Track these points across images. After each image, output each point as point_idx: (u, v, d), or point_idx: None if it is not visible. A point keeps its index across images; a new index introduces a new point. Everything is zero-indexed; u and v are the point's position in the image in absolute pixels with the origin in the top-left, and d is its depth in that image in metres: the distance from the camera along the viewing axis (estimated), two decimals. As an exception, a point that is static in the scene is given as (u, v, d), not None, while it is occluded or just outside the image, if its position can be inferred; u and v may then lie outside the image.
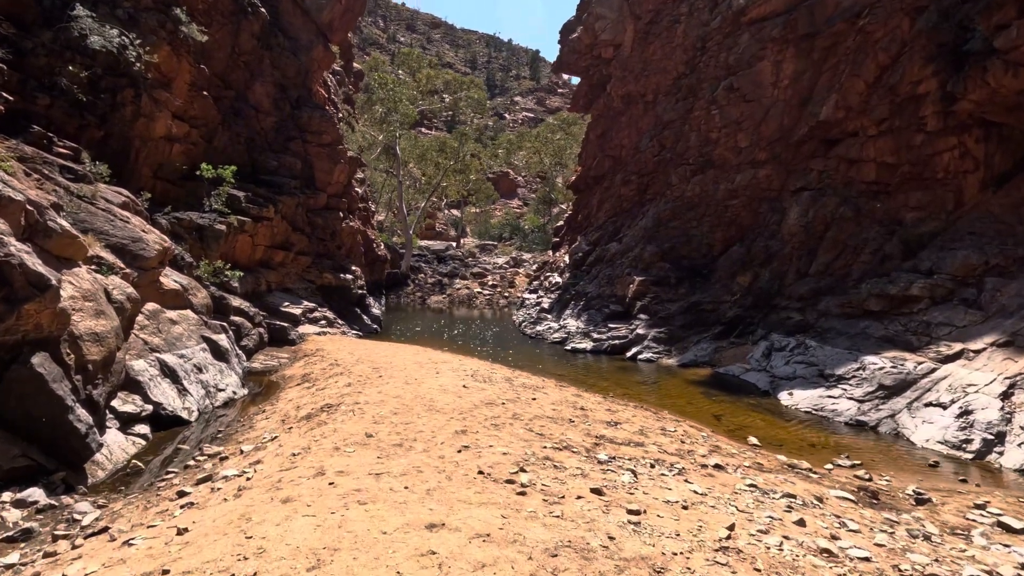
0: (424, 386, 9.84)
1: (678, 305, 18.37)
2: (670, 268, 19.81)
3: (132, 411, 8.58)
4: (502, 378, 11.36)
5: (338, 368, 12.46)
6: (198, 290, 12.47)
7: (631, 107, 26.14)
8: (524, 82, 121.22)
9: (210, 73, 18.40)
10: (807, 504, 5.93)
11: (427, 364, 12.35)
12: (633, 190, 24.63)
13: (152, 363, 9.63)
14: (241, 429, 8.85)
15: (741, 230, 19.70)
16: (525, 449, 6.77)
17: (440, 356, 14.25)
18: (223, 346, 11.71)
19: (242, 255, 17.81)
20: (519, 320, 25.75)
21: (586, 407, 9.72)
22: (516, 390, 10.27)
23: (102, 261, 9.65)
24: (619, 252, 22.41)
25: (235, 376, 11.62)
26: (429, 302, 39.97)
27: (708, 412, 11.42)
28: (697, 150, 21.44)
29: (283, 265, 19.70)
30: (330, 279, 21.73)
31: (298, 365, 14.05)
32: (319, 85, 24.73)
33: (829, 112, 17.63)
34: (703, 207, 20.50)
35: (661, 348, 17.34)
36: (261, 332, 15.66)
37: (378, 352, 14.70)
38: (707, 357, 16.49)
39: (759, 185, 19.58)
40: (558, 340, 20.51)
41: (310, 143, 21.91)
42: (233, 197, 17.44)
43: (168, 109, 15.95)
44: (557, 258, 29.17)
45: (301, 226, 20.91)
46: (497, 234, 62.29)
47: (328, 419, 8.00)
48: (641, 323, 18.48)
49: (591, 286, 22.57)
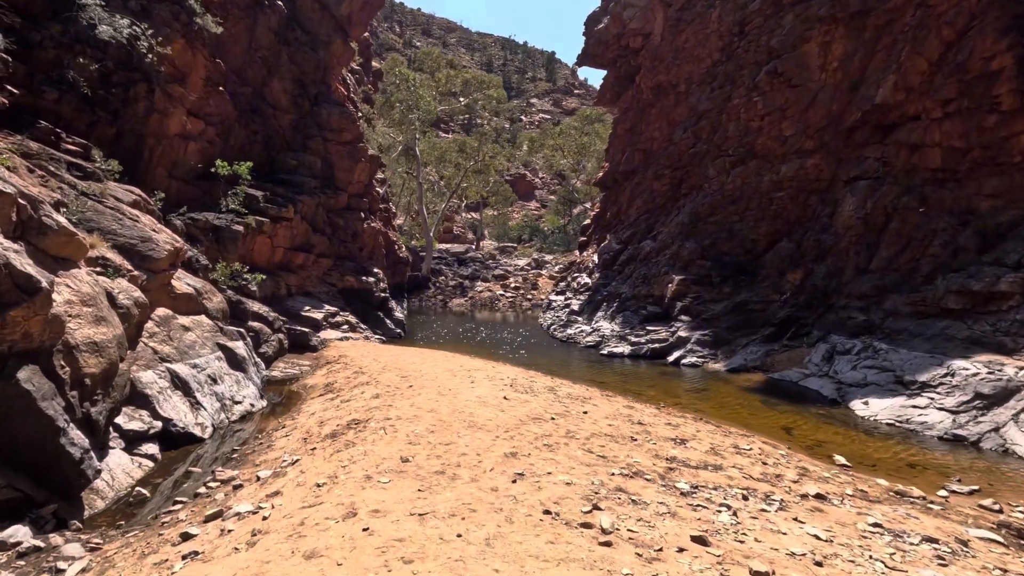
0: (460, 398, 8.80)
1: (723, 305, 17.09)
2: (711, 266, 18.53)
3: (139, 429, 7.68)
4: (544, 388, 10.27)
5: (363, 377, 11.49)
6: (213, 294, 11.62)
7: (662, 98, 24.90)
8: (540, 84, 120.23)
9: (226, 68, 17.70)
10: (955, 552, 4.73)
11: (460, 372, 11.32)
12: (666, 185, 23.38)
13: (162, 374, 8.75)
14: (259, 448, 7.90)
15: (788, 224, 18.35)
16: (591, 477, 5.68)
17: (472, 363, 13.21)
18: (240, 354, 10.82)
19: (260, 257, 17.02)
20: (547, 323, 24.64)
21: (644, 421, 8.58)
22: (562, 402, 9.17)
23: (107, 262, 8.82)
24: (654, 250, 21.18)
25: (253, 387, 10.72)
26: (450, 305, 39.07)
27: (775, 424, 10.19)
28: (737, 140, 20.14)
29: (303, 268, 18.89)
30: (352, 282, 20.88)
31: (320, 373, 13.14)
32: (338, 82, 23.98)
33: (887, 94, 16.23)
34: (745, 200, 19.19)
35: (706, 352, 16.08)
36: (281, 338, 14.81)
37: (405, 359, 13.72)
38: (758, 361, 15.20)
39: (807, 176, 18.21)
40: (592, 344, 19.35)
41: (330, 141, 21.12)
42: (251, 197, 16.66)
43: (183, 105, 15.23)
44: (585, 258, 28.01)
45: (321, 227, 20.10)
46: (516, 236, 61.26)
47: (356, 438, 7.00)
48: (683, 325, 17.24)
49: (625, 286, 21.37)
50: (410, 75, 36.46)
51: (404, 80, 35.01)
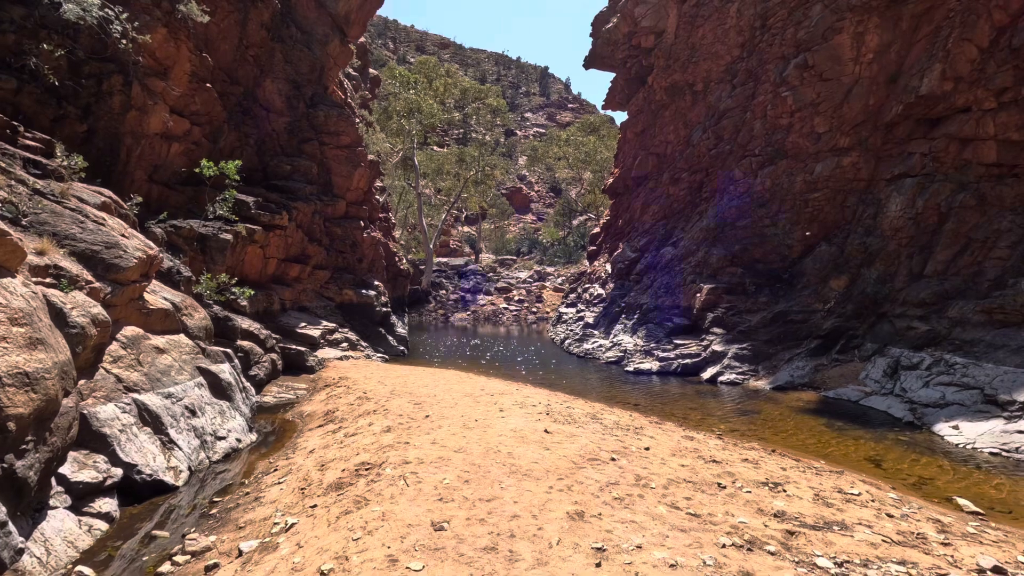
0: (492, 432, 7.23)
1: (760, 316, 15.61)
2: (743, 273, 17.09)
3: (91, 480, 6.07)
4: (586, 416, 8.71)
5: (369, 403, 9.90)
6: (195, 310, 10.03)
7: (677, 99, 23.66)
8: (534, 98, 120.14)
9: (215, 66, 16.29)
10: None
11: (482, 398, 9.74)
12: (684, 189, 22.03)
13: (126, 408, 7.14)
14: (244, 501, 6.29)
15: (825, 227, 16.97)
16: (696, 552, 4.13)
17: (492, 385, 11.63)
18: (225, 379, 9.22)
19: (252, 269, 15.45)
20: (560, 337, 23.08)
21: (717, 458, 7.03)
22: (614, 434, 7.61)
23: (61, 271, 7.25)
24: (676, 257, 19.75)
25: (240, 418, 9.11)
26: (452, 320, 37.48)
27: (857, 455, 8.64)
28: (764, 139, 18.84)
29: (299, 280, 17.32)
30: (351, 296, 19.31)
31: (319, 398, 11.53)
32: (335, 85, 22.62)
33: (933, 85, 14.96)
34: (777, 203, 17.83)
35: (746, 368, 14.56)
36: (274, 359, 13.20)
37: (414, 380, 12.13)
38: (806, 378, 13.69)
39: (843, 175, 16.88)
40: (613, 360, 17.79)
41: (327, 145, 19.68)
42: (241, 203, 15.14)
43: (165, 102, 13.76)
44: (596, 268, 26.55)
45: (318, 236, 18.57)
46: (515, 249, 59.91)
47: (369, 493, 5.41)
48: (716, 338, 15.73)
49: (645, 297, 19.89)
50: (410, 76, 35.18)
51: (404, 82, 33.71)
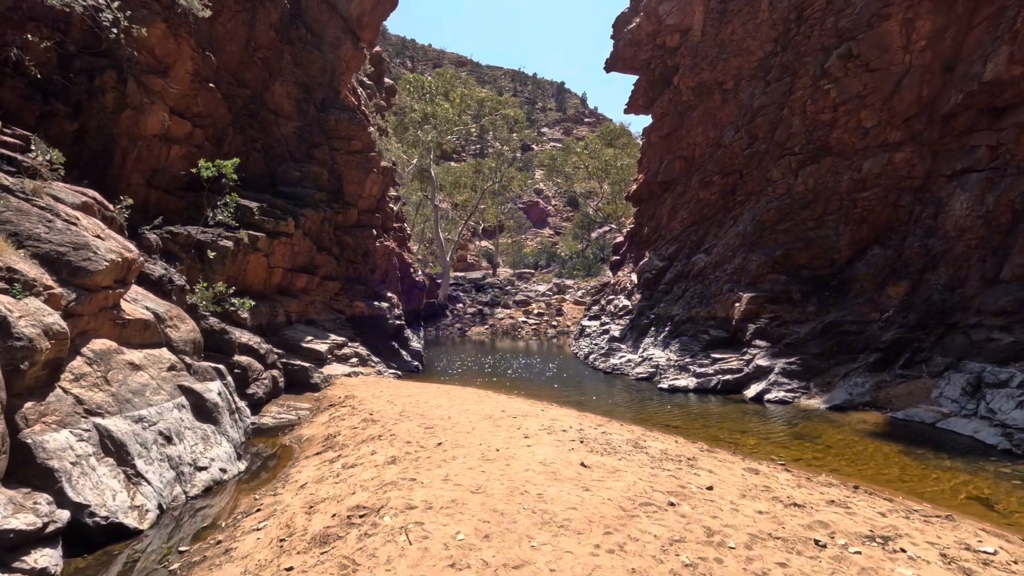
0: (517, 465, 5.95)
1: (808, 327, 14.11)
2: (787, 280, 15.62)
3: (25, 527, 4.93)
4: (625, 442, 7.37)
5: (375, 427, 8.69)
6: (181, 321, 8.98)
7: (705, 99, 22.42)
8: (551, 113, 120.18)
9: (220, 67, 15.54)
10: None
11: (502, 420, 8.46)
12: (716, 193, 20.67)
13: (84, 435, 6.03)
14: (212, 554, 5.09)
15: (876, 229, 15.46)
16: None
17: (513, 405, 10.33)
18: (211, 399, 8.10)
19: (255, 279, 14.47)
20: (584, 352, 21.71)
21: (797, 499, 5.64)
22: (664, 468, 6.27)
23: (15, 275, 6.22)
24: (710, 265, 18.33)
25: (227, 443, 7.96)
26: (469, 334, 36.34)
27: (955, 492, 7.15)
28: (804, 136, 17.45)
29: (306, 292, 16.30)
30: (362, 308, 18.24)
31: (321, 420, 10.36)
32: (348, 91, 21.86)
33: (1000, 70, 13.49)
34: (822, 204, 16.37)
35: (795, 384, 13.05)
36: (275, 375, 12.10)
37: (427, 400, 10.90)
38: (867, 396, 12.14)
39: (896, 172, 15.40)
40: (644, 376, 16.37)
41: (338, 151, 18.81)
42: (244, 209, 14.22)
43: (164, 101, 12.95)
44: (620, 278, 25.19)
45: (328, 245, 17.59)
46: (532, 263, 58.85)
47: (360, 552, 4.17)
48: (760, 352, 14.25)
49: (676, 308, 18.46)
50: (424, 81, 34.48)
51: (418, 87, 32.99)
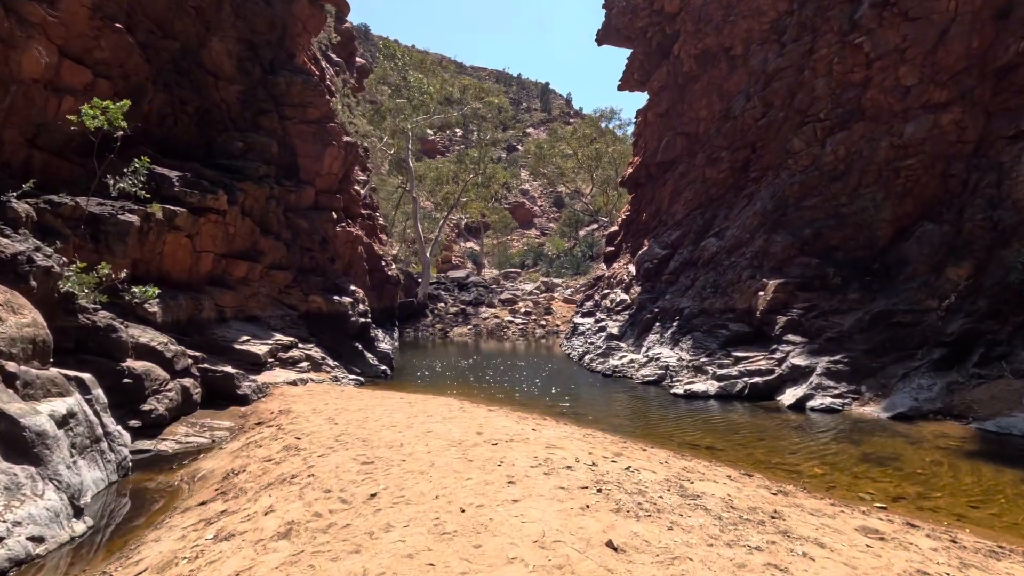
0: (494, 548, 3.33)
1: (853, 318, 11.70)
2: (818, 263, 13.23)
3: None
4: (663, 486, 4.79)
5: (295, 459, 6.02)
6: (13, 311, 6.23)
7: (710, 68, 20.07)
8: (536, 114, 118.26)
9: (138, 11, 12.77)
10: None
11: (477, 449, 5.83)
12: (725, 170, 18.29)
13: None
14: None
15: (922, 202, 13.15)
16: None
17: (495, 423, 7.69)
18: (33, 427, 5.37)
19: (176, 266, 11.69)
20: (578, 352, 19.16)
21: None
22: (746, 539, 3.70)
23: None
24: (723, 250, 15.90)
25: (56, 495, 5.23)
26: (451, 335, 33.69)
27: None
28: (830, 100, 15.12)
29: (247, 283, 13.54)
30: (319, 303, 15.51)
31: (233, 447, 7.66)
32: (306, 56, 19.13)
33: (1075, 6, 11.25)
34: (855, 175, 14.03)
35: (844, 388, 10.61)
36: (187, 385, 9.34)
37: (380, 415, 8.23)
38: (938, 402, 9.73)
39: (943, 136, 13.11)
40: (652, 379, 13.85)
41: (290, 119, 16.07)
42: (161, 179, 11.44)
43: (48, 38, 10.17)
44: (616, 270, 22.71)
45: (276, 229, 14.83)
46: (519, 263, 56.38)
47: None
48: (794, 348, 11.81)
49: (685, 299, 16.00)
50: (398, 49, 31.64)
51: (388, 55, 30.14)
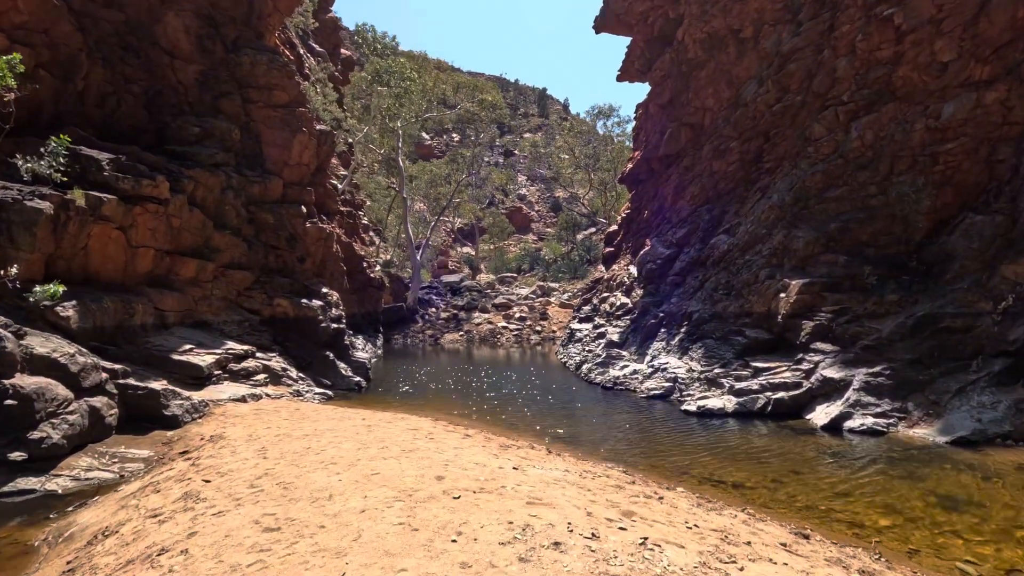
0: None
1: (893, 323, 10.09)
2: (847, 261, 11.64)
3: None
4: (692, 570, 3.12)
5: (185, 517, 4.37)
6: None
7: (717, 53, 18.56)
8: (533, 119, 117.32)
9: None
10: None
11: (431, 506, 4.17)
12: (735, 162, 16.74)
13: None
14: None
15: (964, 191, 11.59)
16: None
17: (465, 458, 6.01)
18: None
19: (107, 263, 10.03)
20: (575, 361, 17.51)
21: None
22: None
23: None
24: (736, 247, 14.31)
25: None
26: (443, 341, 31.98)
27: None
28: (854, 81, 13.59)
29: (197, 283, 11.87)
30: (286, 308, 13.85)
31: (131, 488, 6.00)
32: (278, 40, 17.57)
33: None
34: (886, 162, 12.47)
35: (888, 406, 8.98)
36: (98, 406, 7.67)
37: (326, 444, 6.57)
38: (1005, 424, 8.11)
39: (987, 117, 11.55)
40: (658, 392, 12.21)
41: (254, 103, 14.47)
42: (86, 161, 9.81)
43: (-56, -9, 8.57)
44: (616, 272, 21.11)
45: (234, 223, 13.19)
46: (515, 267, 54.78)
47: None
48: (825, 359, 10.18)
49: (693, 303, 14.39)
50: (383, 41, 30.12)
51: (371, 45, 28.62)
